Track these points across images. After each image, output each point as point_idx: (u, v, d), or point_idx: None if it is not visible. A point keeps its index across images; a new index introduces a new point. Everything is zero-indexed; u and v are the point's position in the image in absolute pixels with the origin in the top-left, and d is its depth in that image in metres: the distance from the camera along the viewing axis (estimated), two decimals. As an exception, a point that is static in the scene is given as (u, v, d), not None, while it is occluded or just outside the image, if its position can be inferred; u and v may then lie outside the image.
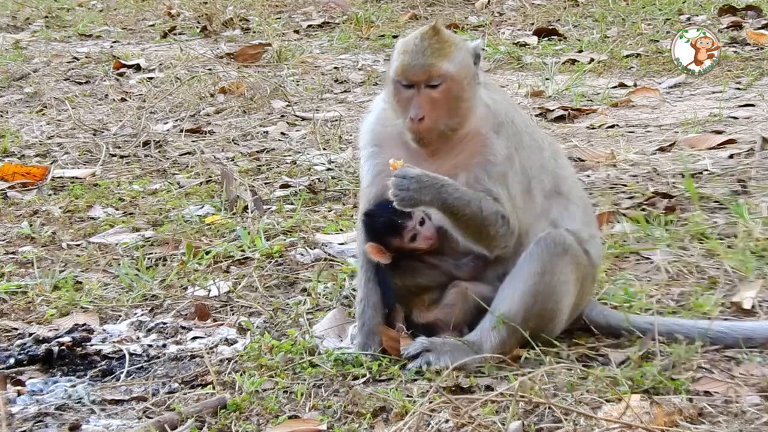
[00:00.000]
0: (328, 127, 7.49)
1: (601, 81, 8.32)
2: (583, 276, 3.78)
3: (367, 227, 3.83)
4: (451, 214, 3.59)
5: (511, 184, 3.68)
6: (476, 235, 3.65)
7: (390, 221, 3.74)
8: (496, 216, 3.63)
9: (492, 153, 3.67)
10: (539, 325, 3.70)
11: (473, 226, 3.62)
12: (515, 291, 3.66)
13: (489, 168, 3.66)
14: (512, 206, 3.67)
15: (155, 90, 8.65)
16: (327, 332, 4.02)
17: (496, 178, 3.65)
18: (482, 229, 3.63)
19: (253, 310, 4.41)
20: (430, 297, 3.83)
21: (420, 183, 3.53)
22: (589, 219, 3.92)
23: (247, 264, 4.97)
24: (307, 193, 6.00)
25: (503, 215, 3.64)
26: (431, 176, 3.56)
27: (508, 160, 3.68)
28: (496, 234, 3.65)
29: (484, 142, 3.68)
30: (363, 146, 3.88)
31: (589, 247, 3.82)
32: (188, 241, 5.10)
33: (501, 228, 3.65)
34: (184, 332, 4.20)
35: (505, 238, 3.67)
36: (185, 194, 6.12)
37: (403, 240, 3.76)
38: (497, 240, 3.67)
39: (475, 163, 3.66)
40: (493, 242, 3.68)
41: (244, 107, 8.14)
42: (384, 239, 3.78)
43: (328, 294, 4.51)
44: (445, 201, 3.56)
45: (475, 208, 3.59)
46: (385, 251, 3.78)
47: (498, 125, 3.70)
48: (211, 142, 7.31)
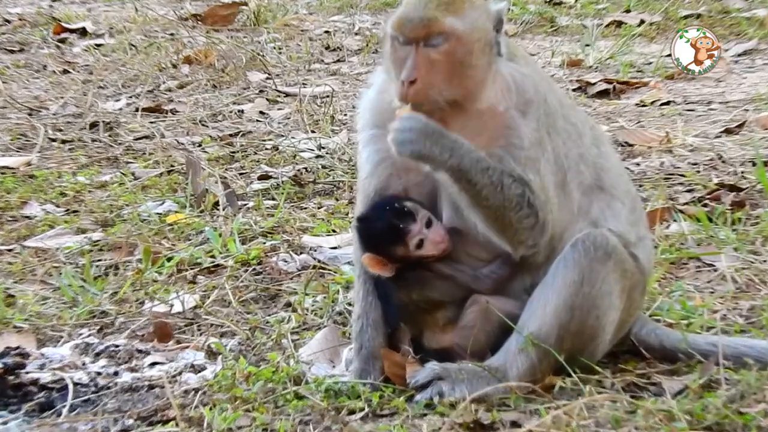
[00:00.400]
0: (317, 104, 7.50)
1: (654, 48, 8.34)
2: (631, 286, 3.79)
3: (363, 235, 3.83)
4: (464, 182, 3.59)
5: (544, 173, 3.70)
6: (495, 219, 3.65)
7: (390, 226, 3.74)
8: (522, 200, 3.63)
9: (517, 136, 3.68)
10: (577, 346, 3.70)
11: (492, 207, 3.62)
12: (547, 305, 3.67)
13: (514, 152, 3.67)
14: (545, 197, 3.69)
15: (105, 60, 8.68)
16: (316, 356, 4.03)
17: (524, 162, 3.66)
18: (503, 212, 3.63)
19: (225, 330, 4.42)
20: (443, 315, 3.84)
21: (428, 132, 3.53)
22: (637, 217, 3.93)
23: (217, 273, 4.99)
24: (292, 186, 6.02)
25: (530, 202, 3.65)
26: (444, 131, 3.57)
27: (538, 146, 3.69)
28: (519, 224, 3.66)
29: (507, 122, 3.69)
30: (362, 128, 3.88)
31: (637, 251, 3.82)
32: (146, 245, 5.11)
33: (527, 219, 3.66)
34: (141, 357, 4.21)
35: (532, 232, 3.68)
36: (142, 187, 6.13)
37: (407, 247, 3.76)
38: (522, 233, 3.68)
39: (497, 146, 3.67)
40: (516, 235, 3.68)
41: (214, 81, 8.16)
42: (384, 248, 3.78)
43: (318, 310, 4.52)
44: (459, 162, 3.56)
45: (496, 181, 3.60)
46: (387, 262, 3.79)
47: (525, 104, 3.71)
48: (174, 123, 7.33)
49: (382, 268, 3.78)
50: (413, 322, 3.85)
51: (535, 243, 3.71)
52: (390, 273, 3.79)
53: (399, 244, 3.75)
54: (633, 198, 3.97)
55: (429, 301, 3.83)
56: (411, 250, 3.76)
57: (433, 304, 3.83)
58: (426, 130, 3.55)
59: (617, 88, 7.52)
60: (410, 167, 3.75)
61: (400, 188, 3.81)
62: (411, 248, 3.76)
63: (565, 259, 3.67)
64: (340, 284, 4.68)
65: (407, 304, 3.83)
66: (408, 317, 3.84)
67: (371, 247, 3.80)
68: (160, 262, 5.03)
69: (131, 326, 4.48)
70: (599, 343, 3.77)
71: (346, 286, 4.63)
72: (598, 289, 3.66)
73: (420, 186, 3.79)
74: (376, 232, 3.78)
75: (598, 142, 3.92)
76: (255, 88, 8.07)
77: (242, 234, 5.33)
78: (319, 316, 4.47)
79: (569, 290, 3.64)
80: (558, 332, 3.66)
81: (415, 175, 3.77)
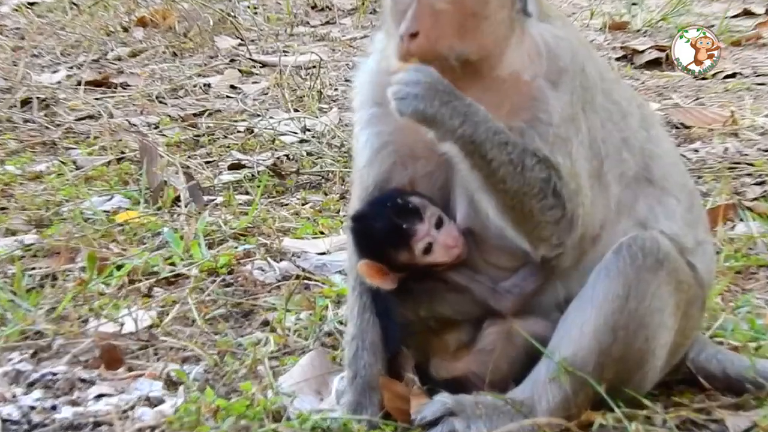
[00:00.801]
0: (301, 77, 7.50)
1: (716, 7, 8.35)
2: (687, 301, 3.80)
3: (358, 238, 3.84)
4: (477, 157, 3.58)
5: (576, 157, 3.71)
6: (512, 208, 3.65)
7: (391, 226, 3.74)
8: (546, 186, 3.64)
9: (545, 110, 3.68)
10: (621, 374, 3.71)
11: (510, 191, 3.62)
12: (585, 324, 3.67)
13: (541, 128, 3.68)
14: (575, 185, 3.70)
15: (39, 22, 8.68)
16: (300, 387, 4.03)
17: (553, 141, 3.67)
18: (522, 198, 3.63)
19: (188, 354, 4.43)
20: (455, 338, 3.84)
21: (438, 89, 3.53)
22: (695, 217, 3.94)
23: (179, 284, 5.00)
24: (271, 178, 6.02)
25: (557, 190, 3.66)
26: (457, 91, 3.55)
27: (571, 124, 3.70)
28: (542, 215, 3.66)
29: (534, 93, 3.70)
30: (359, 106, 3.89)
31: (695, 259, 3.84)
32: (90, 250, 5.11)
33: (551, 210, 3.66)
34: (84, 387, 4.21)
35: (557, 228, 3.69)
36: (85, 179, 6.13)
37: (413, 253, 3.76)
38: (544, 228, 3.68)
39: (520, 119, 3.68)
40: (537, 229, 3.69)
41: (175, 48, 8.17)
42: (385, 254, 3.78)
43: (302, 329, 4.53)
44: (473, 132, 3.54)
45: (516, 159, 3.61)
46: (388, 271, 3.79)
47: (558, 73, 3.72)
48: (125, 100, 7.34)
49: (382, 278, 3.78)
50: (418, 346, 3.86)
51: (560, 241, 3.71)
52: (392, 285, 3.79)
53: (403, 249, 3.76)
54: (690, 192, 3.98)
55: (439, 319, 3.83)
56: (417, 256, 3.76)
57: (444, 324, 3.84)
58: (436, 86, 3.54)
59: (670, 58, 7.52)
60: (418, 154, 3.76)
61: (405, 180, 3.82)
62: (417, 254, 3.76)
63: (607, 269, 3.67)
64: (330, 298, 4.70)
65: (411, 322, 3.84)
66: (412, 340, 3.85)
67: (369, 253, 3.80)
68: (107, 271, 5.04)
69: (72, 350, 4.47)
70: (648, 371, 3.78)
71: (337, 300, 4.65)
72: (647, 305, 3.66)
73: (430, 177, 3.81)
74: (374, 234, 3.78)
75: (648, 125, 3.93)
76: (225, 56, 8.08)
77: (209, 236, 5.34)
78: (303, 337, 4.48)
79: (611, 306, 3.64)
80: (597, 358, 3.66)
81: (425, 163, 3.78)
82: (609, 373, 3.68)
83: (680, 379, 3.98)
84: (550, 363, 3.69)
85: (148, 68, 7.90)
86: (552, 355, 3.69)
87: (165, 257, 5.16)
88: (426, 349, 3.85)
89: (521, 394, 3.72)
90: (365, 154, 3.85)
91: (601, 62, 3.96)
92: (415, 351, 3.85)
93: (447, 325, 3.84)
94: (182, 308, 4.74)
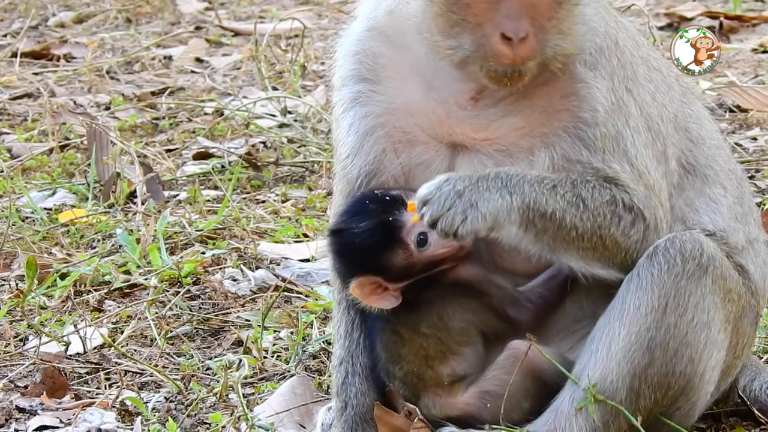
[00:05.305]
0: (280, 48, 7.51)
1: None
2: (737, 313, 3.82)
3: (343, 253, 3.84)
4: (539, 220, 3.63)
5: (634, 153, 3.75)
6: (594, 250, 3.70)
7: (377, 222, 3.74)
8: (614, 207, 3.69)
9: (587, 107, 3.73)
10: (661, 403, 3.72)
11: (585, 236, 3.67)
12: (614, 343, 3.70)
13: (585, 134, 3.73)
14: (644, 187, 3.73)
15: (-34, -19, 8.69)
16: (280, 419, 4.08)
17: (602, 145, 3.73)
18: (600, 234, 3.69)
19: (146, 379, 4.47)
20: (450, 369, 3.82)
21: (473, 184, 3.58)
22: (746, 211, 3.98)
23: (135, 297, 5.04)
24: (244, 169, 6.04)
25: (627, 204, 3.70)
26: (486, 172, 3.62)
27: (618, 113, 3.75)
28: (626, 239, 3.71)
29: (571, 86, 3.75)
30: (341, 83, 3.91)
31: (746, 261, 3.88)
32: (29, 256, 5.09)
33: (633, 228, 3.69)
34: (24, 418, 4.24)
35: (645, 243, 3.70)
36: (22, 170, 6.15)
37: (408, 250, 3.77)
38: (632, 249, 3.71)
39: (558, 128, 3.73)
40: (627, 255, 3.72)
41: (128, 12, 8.18)
42: (378, 261, 3.78)
43: (282, 351, 4.59)
44: (523, 197, 3.59)
45: (571, 197, 3.64)
46: (386, 285, 3.79)
47: (596, 52, 3.77)
48: (69, 75, 7.34)
49: (380, 296, 3.80)
50: (406, 379, 3.83)
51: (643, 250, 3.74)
52: (393, 302, 3.81)
53: (396, 248, 3.78)
54: (739, 182, 4.02)
55: (441, 337, 3.83)
56: (414, 253, 3.79)
57: (443, 347, 3.83)
58: (471, 181, 3.61)
59: (725, 26, 7.54)
60: (416, 140, 3.81)
61: (397, 170, 3.85)
62: (413, 249, 3.79)
63: (640, 277, 3.70)
64: (315, 314, 4.75)
65: (409, 340, 3.82)
66: (399, 370, 3.83)
67: (358, 266, 3.81)
68: (50, 280, 5.09)
69: (9, 374, 4.52)
70: (694, 399, 3.79)
71: (323, 316, 4.70)
72: (690, 319, 3.69)
73: (428, 166, 3.82)
74: (360, 240, 3.79)
75: (689, 100, 4.00)
76: (189, 22, 8.10)
77: (171, 240, 5.39)
78: (283, 360, 4.53)
79: (645, 321, 3.67)
80: (631, 382, 3.69)
81: (422, 150, 3.82)
82: (646, 401, 3.71)
83: (731, 411, 4.03)
84: (576, 390, 3.71)
85: (96, 37, 7.90)
86: (579, 378, 3.71)
87: (118, 264, 5.21)
88: (414, 382, 3.84)
89: (542, 426, 3.75)
90: (349, 142, 3.86)
91: (631, 28, 4.00)
92: (403, 384, 3.84)
93: (446, 347, 3.82)
94: (139, 325, 4.78)
